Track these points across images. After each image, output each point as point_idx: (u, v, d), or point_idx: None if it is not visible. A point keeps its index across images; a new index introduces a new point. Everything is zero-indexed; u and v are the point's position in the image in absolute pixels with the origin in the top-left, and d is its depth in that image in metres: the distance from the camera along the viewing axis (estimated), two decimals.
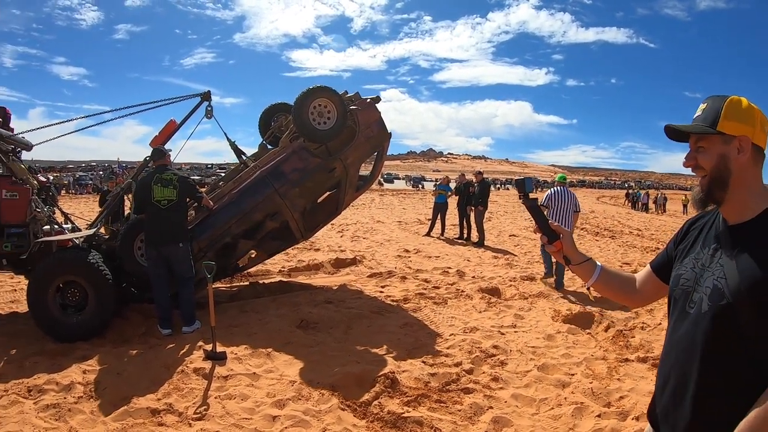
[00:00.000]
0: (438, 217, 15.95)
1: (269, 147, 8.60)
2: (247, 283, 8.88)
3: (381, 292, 8.40)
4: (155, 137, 7.38)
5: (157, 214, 6.30)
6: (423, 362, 5.40)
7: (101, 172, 48.05)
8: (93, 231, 6.84)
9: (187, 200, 6.66)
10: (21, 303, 7.40)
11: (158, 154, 6.73)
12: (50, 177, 9.37)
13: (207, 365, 5.17)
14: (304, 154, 7.41)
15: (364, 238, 15.03)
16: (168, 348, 5.73)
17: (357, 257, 11.29)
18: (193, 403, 4.47)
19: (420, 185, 71.53)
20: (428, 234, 15.92)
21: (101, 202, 11.07)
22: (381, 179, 61.97)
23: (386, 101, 8.06)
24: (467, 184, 15.37)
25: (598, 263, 2.08)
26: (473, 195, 14.73)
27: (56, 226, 6.83)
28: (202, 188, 7.99)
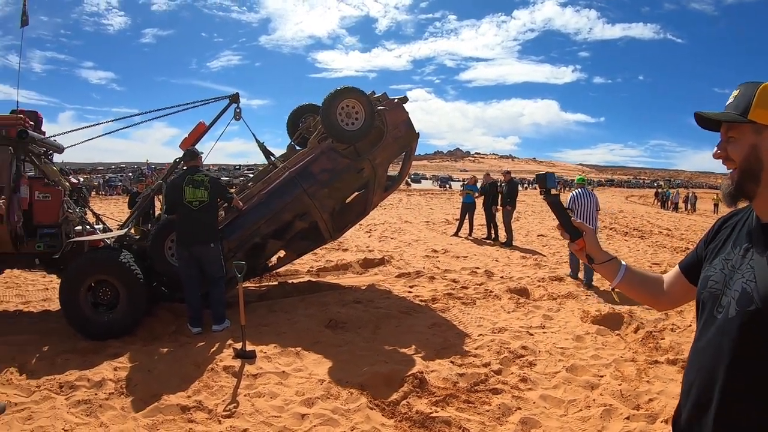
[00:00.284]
0: (466, 217, 15.86)
1: (297, 148, 8.62)
2: (276, 283, 8.91)
3: (409, 292, 8.37)
4: (185, 139, 7.44)
5: (189, 215, 6.34)
6: (451, 362, 5.36)
7: (131, 174, 48.72)
8: (124, 231, 6.92)
9: (218, 201, 6.70)
10: (53, 301, 7.54)
11: (190, 156, 6.78)
12: (80, 179, 9.53)
13: (236, 363, 5.19)
14: (333, 155, 7.42)
15: (392, 239, 15.03)
16: (198, 346, 5.78)
17: (385, 257, 11.27)
18: (223, 401, 4.49)
19: (447, 185, 71.22)
20: (456, 234, 15.84)
21: (130, 204, 11.21)
22: (408, 179, 61.87)
23: (412, 101, 8.04)
24: (493, 184, 15.29)
25: (623, 263, 1.98)
26: (501, 195, 14.63)
27: (88, 227, 6.93)
28: (231, 189, 8.03)
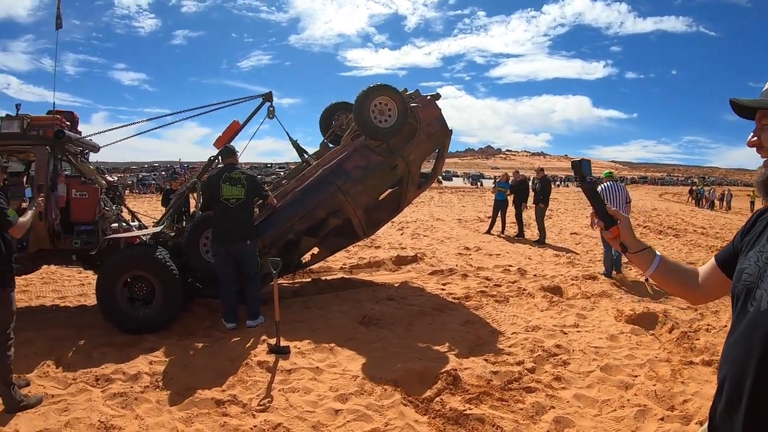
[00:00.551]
0: (498, 215, 15.73)
1: (330, 146, 8.63)
2: (310, 280, 8.93)
3: (442, 290, 8.32)
4: (219, 138, 7.48)
5: (226, 213, 6.37)
6: (485, 360, 5.31)
7: (163, 173, 49.37)
8: (160, 228, 7.00)
9: (255, 199, 6.73)
10: (89, 297, 7.70)
11: (228, 153, 6.83)
12: (115, 177, 9.74)
13: (271, 359, 5.21)
14: (366, 152, 7.41)
15: (425, 236, 15.00)
16: (233, 341, 5.81)
17: (418, 255, 11.22)
18: (257, 395, 4.50)
19: (478, 183, 70.80)
20: (488, 232, 15.73)
21: (164, 201, 11.36)
22: (439, 177, 61.77)
23: (443, 98, 8.00)
24: (522, 182, 15.16)
25: (658, 253, 1.93)
26: (534, 192, 14.50)
27: (124, 224, 7.03)
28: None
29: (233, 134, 7.50)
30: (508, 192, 15.60)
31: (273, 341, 5.51)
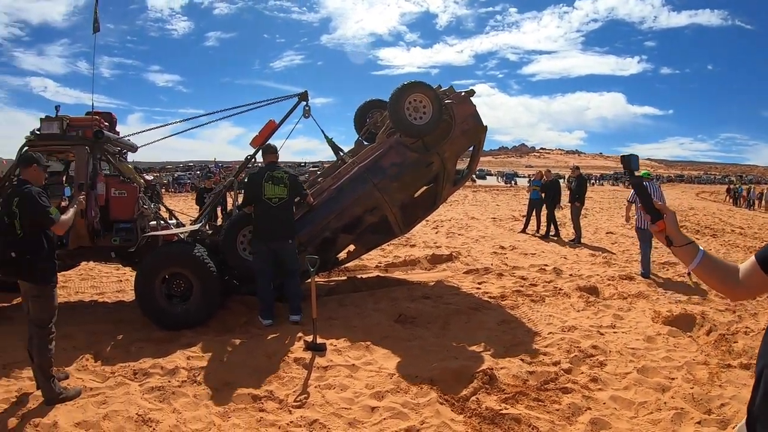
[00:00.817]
0: (533, 214, 15.53)
1: (365, 143, 8.63)
2: (345, 278, 8.95)
3: (478, 289, 8.26)
4: (255, 137, 7.52)
5: (268, 212, 6.38)
6: (521, 360, 5.26)
7: (198, 172, 50.02)
8: (198, 226, 7.07)
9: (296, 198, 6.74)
10: (126, 293, 7.84)
11: (269, 150, 6.84)
12: (151, 177, 9.89)
13: (307, 356, 5.23)
14: (402, 149, 7.39)
15: (459, 235, 14.95)
16: (269, 338, 5.84)
17: (453, 253, 11.18)
18: (294, 392, 4.52)
19: (512, 181, 70.15)
20: (523, 231, 15.54)
21: (198, 200, 11.47)
22: (474, 176, 61.51)
23: (476, 96, 7.92)
24: (555, 181, 14.98)
25: (701, 248, 1.95)
26: (570, 191, 14.30)
27: (162, 222, 7.11)
28: None
29: (270, 133, 7.52)
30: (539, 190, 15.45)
31: (309, 338, 5.53)
